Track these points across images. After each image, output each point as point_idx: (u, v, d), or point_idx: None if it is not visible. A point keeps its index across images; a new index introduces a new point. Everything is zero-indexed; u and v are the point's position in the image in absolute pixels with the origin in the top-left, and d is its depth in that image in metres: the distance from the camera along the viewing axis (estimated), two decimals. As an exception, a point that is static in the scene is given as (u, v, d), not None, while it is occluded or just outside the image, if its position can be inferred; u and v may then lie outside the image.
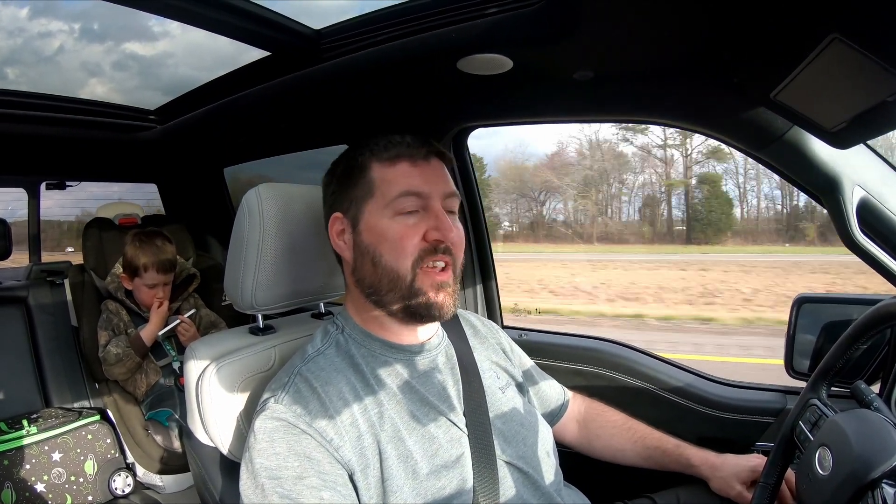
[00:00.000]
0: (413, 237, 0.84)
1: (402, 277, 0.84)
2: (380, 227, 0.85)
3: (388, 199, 0.84)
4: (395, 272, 0.84)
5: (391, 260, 0.84)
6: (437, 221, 0.84)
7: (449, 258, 0.86)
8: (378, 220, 0.85)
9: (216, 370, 0.91)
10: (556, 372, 1.22)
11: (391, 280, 0.84)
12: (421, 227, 0.84)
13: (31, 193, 2.45)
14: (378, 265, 0.85)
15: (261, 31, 1.04)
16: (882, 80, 0.63)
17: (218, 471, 0.94)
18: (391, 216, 0.84)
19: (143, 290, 1.93)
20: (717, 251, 18.86)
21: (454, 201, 0.90)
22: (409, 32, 0.96)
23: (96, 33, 6.74)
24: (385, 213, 0.85)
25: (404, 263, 0.83)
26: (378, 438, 0.78)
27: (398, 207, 0.84)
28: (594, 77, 1.03)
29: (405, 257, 0.83)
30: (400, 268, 0.83)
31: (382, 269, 0.84)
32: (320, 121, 1.50)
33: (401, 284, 0.84)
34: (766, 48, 0.78)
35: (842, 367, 0.86)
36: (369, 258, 0.86)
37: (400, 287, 0.84)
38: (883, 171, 0.98)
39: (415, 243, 0.84)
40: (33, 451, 1.69)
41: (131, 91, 11.08)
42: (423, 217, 0.85)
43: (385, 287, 0.85)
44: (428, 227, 0.84)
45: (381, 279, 0.85)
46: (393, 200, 0.84)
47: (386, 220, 0.85)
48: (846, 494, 0.66)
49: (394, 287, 0.84)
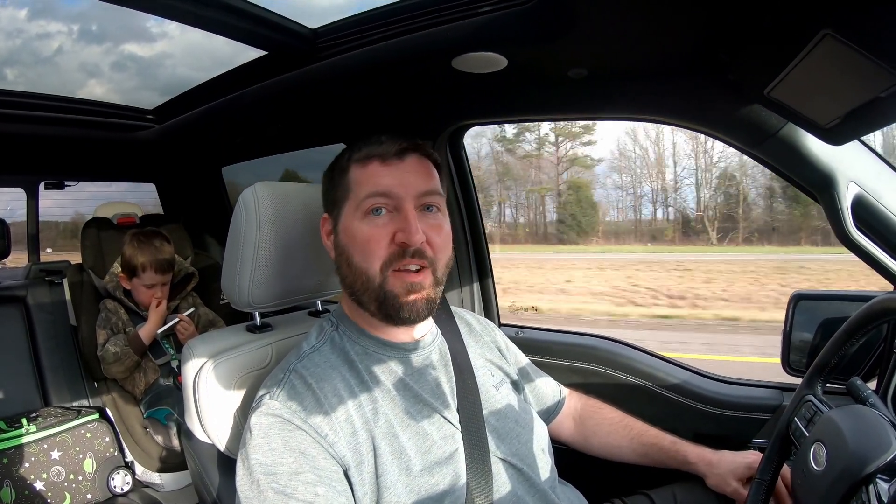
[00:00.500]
0: (381, 239, 0.82)
1: (371, 279, 0.83)
2: (351, 229, 0.85)
3: (359, 201, 0.84)
4: (366, 274, 0.83)
5: (361, 261, 0.84)
6: (405, 223, 0.82)
7: (423, 260, 0.83)
8: (350, 221, 0.85)
9: (213, 367, 0.91)
10: (553, 369, 1.22)
11: (363, 282, 0.84)
12: (390, 227, 0.83)
13: (29, 193, 2.45)
14: (352, 266, 0.85)
15: (257, 31, 1.04)
16: (875, 76, 0.63)
17: (215, 468, 0.95)
18: (361, 217, 0.84)
19: (141, 289, 1.94)
20: (579, 250, 21.08)
21: (433, 198, 0.87)
22: (404, 31, 0.96)
23: (95, 34, 6.79)
24: (356, 215, 0.84)
25: (373, 266, 0.83)
26: (372, 434, 0.79)
27: (366, 208, 0.83)
28: (588, 75, 1.04)
29: (374, 260, 0.83)
30: (369, 270, 0.83)
31: (355, 270, 0.85)
32: (317, 120, 1.51)
33: (371, 286, 0.83)
34: (760, 45, 0.78)
35: (837, 364, 0.86)
36: (345, 259, 0.86)
37: (371, 289, 0.83)
38: (877, 167, 0.98)
39: (383, 246, 0.82)
40: (32, 449, 1.69)
41: (129, 91, 11.10)
42: (394, 218, 0.83)
43: (359, 288, 0.85)
44: (396, 229, 0.82)
45: (356, 280, 0.85)
46: (362, 201, 0.83)
47: (356, 222, 0.84)
48: (840, 490, 0.66)
49: (366, 289, 0.84)
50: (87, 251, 2.07)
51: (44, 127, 1.63)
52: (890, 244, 0.99)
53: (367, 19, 1.02)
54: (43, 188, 2.44)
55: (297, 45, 1.10)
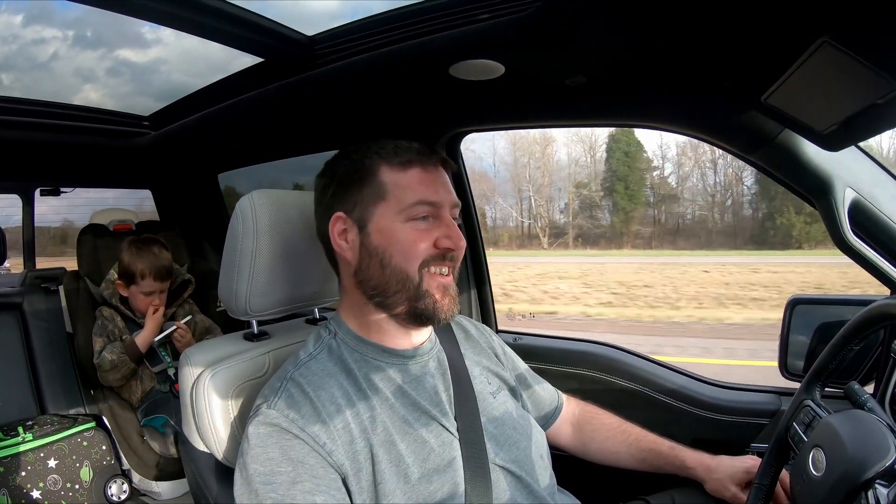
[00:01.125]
0: (424, 241, 0.85)
1: (410, 279, 0.85)
2: (392, 230, 0.85)
3: (404, 205, 0.85)
4: (405, 273, 0.85)
5: (401, 261, 0.85)
6: (449, 230, 0.86)
7: (452, 264, 0.88)
8: (391, 223, 0.86)
9: (210, 377, 0.91)
10: (551, 375, 1.22)
11: (399, 281, 0.85)
12: (433, 233, 0.86)
13: (25, 200, 2.44)
14: (387, 266, 0.85)
15: (254, 38, 1.04)
16: (872, 83, 0.63)
17: (213, 477, 0.94)
18: (404, 220, 0.85)
19: (139, 297, 1.93)
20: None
21: (457, 210, 0.92)
22: (402, 38, 0.96)
23: (90, 40, 6.83)
24: (398, 218, 0.85)
25: (413, 265, 0.84)
26: (370, 443, 0.78)
27: (412, 213, 0.85)
28: (586, 82, 1.04)
29: (414, 260, 0.84)
30: (409, 269, 0.84)
31: (392, 270, 0.85)
32: (314, 126, 1.50)
33: (409, 286, 0.85)
34: (757, 52, 0.79)
35: (835, 368, 0.86)
36: (377, 259, 0.86)
37: (408, 288, 0.85)
38: (874, 173, 0.98)
39: (425, 247, 0.85)
40: (29, 458, 1.68)
41: (124, 97, 10.94)
42: (435, 224, 0.87)
43: (392, 288, 0.85)
44: (439, 235, 0.86)
45: (389, 280, 0.85)
46: (408, 207, 0.85)
47: (398, 224, 0.85)
48: (839, 495, 0.66)
49: (401, 288, 0.85)
50: (83, 258, 2.07)
51: (40, 133, 1.62)
52: (887, 249, 0.99)
53: (365, 26, 1.01)
54: (39, 194, 2.43)
55: (293, 52, 1.09)
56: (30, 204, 2.45)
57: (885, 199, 0.98)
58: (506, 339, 1.54)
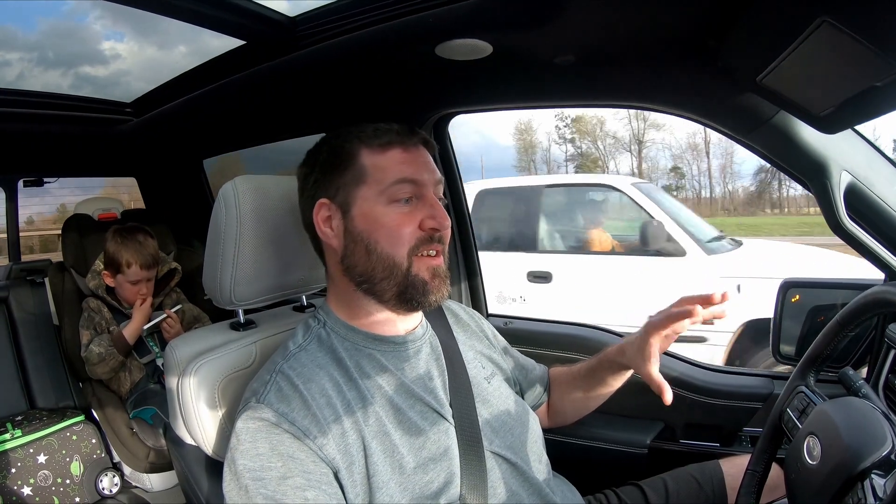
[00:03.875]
0: (409, 225, 0.84)
1: (398, 265, 0.83)
2: (374, 214, 0.84)
3: (384, 186, 0.84)
4: (391, 259, 0.83)
5: (387, 247, 0.83)
6: (434, 210, 0.85)
7: (441, 246, 0.87)
8: (372, 206, 0.84)
9: (196, 369, 0.89)
10: (543, 359, 1.21)
11: (386, 267, 0.83)
12: (416, 215, 0.84)
13: (8, 191, 2.40)
14: (373, 252, 0.84)
15: (234, 20, 1.01)
16: (872, 65, 0.61)
17: (203, 472, 0.93)
18: (386, 203, 0.84)
19: (126, 286, 1.90)
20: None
21: (441, 188, 0.90)
22: (386, 18, 0.93)
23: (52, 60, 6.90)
24: (380, 200, 0.84)
25: (400, 251, 0.83)
26: (362, 434, 0.77)
27: (393, 195, 0.84)
28: (576, 61, 1.02)
29: (401, 245, 0.83)
30: (396, 255, 0.83)
31: (378, 256, 0.83)
32: (299, 110, 1.48)
33: (397, 272, 0.83)
34: (754, 32, 0.77)
35: (829, 355, 0.85)
36: (363, 245, 0.84)
37: (396, 274, 0.83)
38: (870, 156, 0.97)
39: (411, 231, 0.83)
40: (18, 454, 1.67)
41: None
42: (418, 205, 0.85)
43: (380, 274, 0.84)
44: (423, 216, 0.84)
45: (376, 266, 0.84)
46: (388, 187, 0.83)
47: (381, 207, 0.84)
48: (835, 485, 0.66)
49: (389, 274, 0.84)
50: (68, 249, 2.04)
51: (21, 123, 1.59)
52: (882, 233, 0.99)
53: (348, 6, 0.98)
54: (22, 186, 2.39)
55: (275, 33, 1.06)
56: (13, 196, 2.41)
57: (881, 183, 0.97)
58: (496, 324, 1.53)
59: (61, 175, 2.39)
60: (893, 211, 0.97)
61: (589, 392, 1.10)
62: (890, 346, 1.03)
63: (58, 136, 1.76)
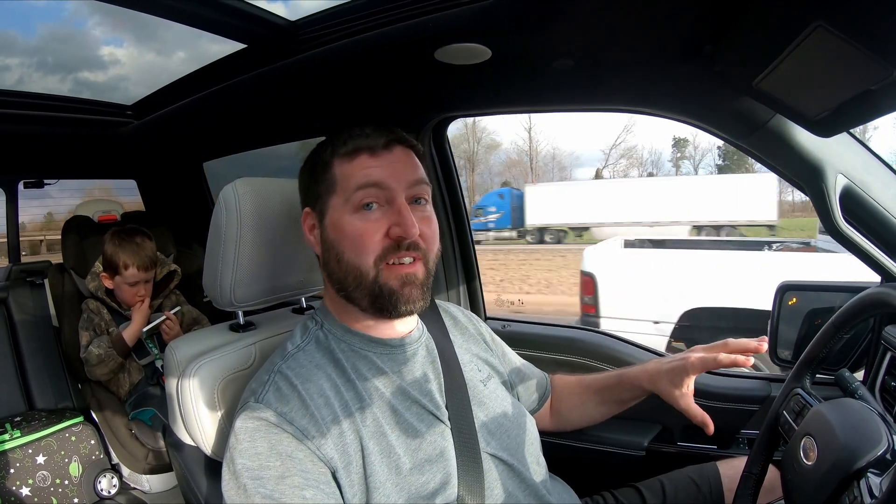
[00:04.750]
0: (374, 234, 0.81)
1: (364, 274, 0.82)
2: (341, 224, 0.83)
3: (348, 194, 0.82)
4: (358, 269, 0.82)
5: (353, 257, 0.82)
6: (400, 217, 0.81)
7: (417, 252, 0.83)
8: (340, 215, 0.83)
9: (196, 370, 0.89)
10: (540, 362, 1.21)
11: (355, 277, 0.83)
12: (383, 222, 0.82)
13: (8, 193, 2.40)
14: (342, 262, 0.83)
15: (236, 24, 1.02)
16: (867, 68, 0.62)
17: (202, 472, 0.93)
18: (352, 212, 0.82)
19: (124, 288, 1.91)
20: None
21: (422, 188, 0.86)
22: (386, 22, 0.94)
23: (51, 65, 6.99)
24: (346, 209, 0.83)
25: (366, 261, 0.81)
26: (360, 434, 0.77)
27: (357, 201, 0.82)
28: (574, 66, 1.02)
29: (367, 254, 0.81)
30: (362, 265, 0.82)
31: (346, 265, 0.83)
32: (299, 113, 1.48)
33: (364, 281, 0.82)
34: (749, 36, 0.77)
35: (825, 357, 0.86)
36: (334, 254, 0.84)
37: (364, 284, 0.82)
38: (866, 159, 0.98)
39: (377, 240, 0.81)
40: (17, 455, 1.67)
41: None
42: (386, 212, 0.82)
43: (351, 283, 0.83)
44: (391, 223, 0.81)
45: (347, 275, 0.83)
46: (352, 194, 0.82)
47: (347, 216, 0.83)
48: (832, 484, 0.66)
49: (359, 284, 0.83)
50: (67, 251, 2.05)
51: (22, 125, 1.60)
52: (878, 236, 0.99)
53: (348, 10, 0.99)
54: (22, 187, 2.39)
55: (276, 37, 1.07)
56: (13, 197, 2.41)
57: (877, 187, 0.97)
58: (494, 327, 1.53)
59: (62, 177, 2.39)
60: (889, 214, 0.97)
61: (602, 407, 1.13)
62: (886, 348, 1.03)
63: (58, 138, 1.76)
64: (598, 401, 1.12)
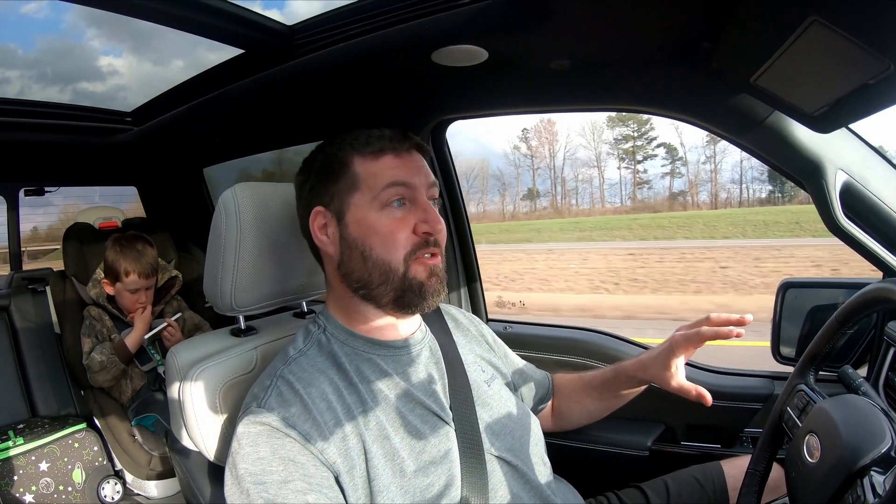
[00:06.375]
0: (403, 230, 0.84)
1: (394, 270, 0.83)
2: (368, 221, 0.84)
3: (376, 192, 0.84)
4: (387, 265, 0.83)
5: (382, 253, 0.83)
6: (426, 214, 0.84)
7: (438, 249, 0.87)
8: (366, 213, 0.84)
9: (198, 374, 0.89)
10: (542, 363, 1.21)
11: (383, 273, 0.84)
12: (409, 220, 0.84)
13: (9, 201, 2.41)
14: (368, 258, 0.84)
15: (233, 29, 1.02)
16: (864, 63, 0.61)
17: (205, 477, 0.93)
18: (379, 209, 0.84)
19: (125, 294, 1.91)
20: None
21: (435, 190, 0.90)
22: (383, 26, 0.94)
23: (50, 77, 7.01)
24: (372, 206, 0.84)
25: (396, 256, 0.83)
26: (363, 438, 0.77)
27: (385, 199, 0.84)
28: (571, 66, 1.02)
29: (397, 250, 0.83)
30: (392, 260, 0.83)
31: (373, 262, 0.84)
32: (298, 118, 1.48)
33: (393, 277, 0.84)
34: (745, 33, 0.77)
35: (828, 353, 0.85)
36: (358, 252, 0.85)
37: (392, 279, 0.84)
38: (865, 155, 0.98)
39: (406, 236, 0.84)
40: (20, 461, 1.67)
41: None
42: (411, 210, 0.85)
43: (376, 280, 0.84)
44: (417, 221, 0.84)
45: (372, 272, 0.84)
46: (380, 192, 0.84)
47: (374, 213, 0.84)
48: (835, 482, 0.66)
49: (386, 280, 0.84)
50: (69, 258, 2.05)
51: (22, 133, 1.60)
52: (878, 231, 0.99)
53: (344, 14, 0.99)
54: (23, 195, 2.40)
55: (274, 42, 1.07)
56: (14, 205, 2.42)
57: (876, 182, 0.97)
58: (495, 328, 1.53)
59: (62, 184, 2.39)
60: (890, 209, 0.97)
61: (601, 402, 1.12)
62: (889, 343, 1.03)
63: (59, 146, 1.77)
64: (597, 396, 1.12)
